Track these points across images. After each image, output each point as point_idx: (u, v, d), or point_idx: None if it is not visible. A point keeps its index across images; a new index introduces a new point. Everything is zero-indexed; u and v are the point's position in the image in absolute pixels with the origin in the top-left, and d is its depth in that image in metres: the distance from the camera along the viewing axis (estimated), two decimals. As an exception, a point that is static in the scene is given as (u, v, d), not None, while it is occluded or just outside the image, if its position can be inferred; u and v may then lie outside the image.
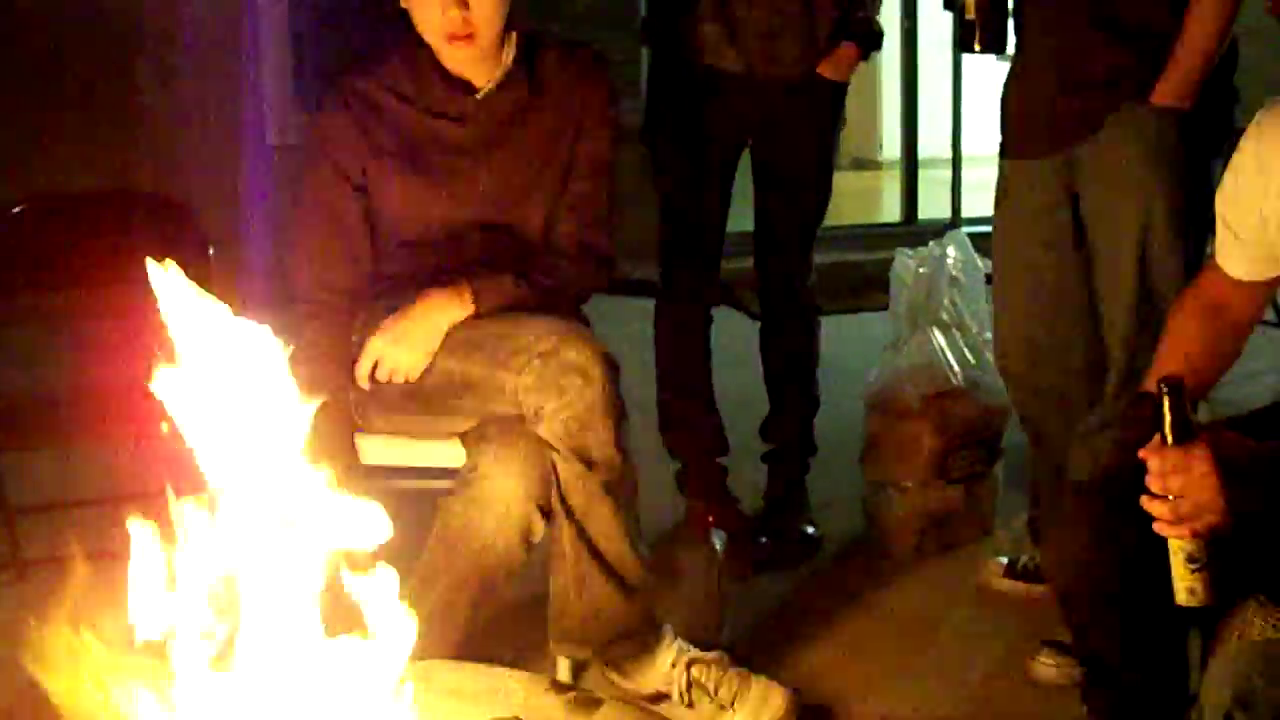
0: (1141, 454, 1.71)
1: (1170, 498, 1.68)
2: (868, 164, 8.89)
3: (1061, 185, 2.74)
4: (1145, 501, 1.70)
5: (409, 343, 2.43)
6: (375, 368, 2.46)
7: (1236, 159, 2.02)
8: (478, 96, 2.52)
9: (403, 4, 2.46)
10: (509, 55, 2.53)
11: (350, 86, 2.53)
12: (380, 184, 2.52)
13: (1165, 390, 1.70)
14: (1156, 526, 1.70)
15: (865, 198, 8.15)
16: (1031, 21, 2.70)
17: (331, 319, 2.51)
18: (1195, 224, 2.64)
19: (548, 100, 2.56)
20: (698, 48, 3.11)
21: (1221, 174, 2.65)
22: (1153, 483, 1.69)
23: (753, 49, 3.09)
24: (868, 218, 7.46)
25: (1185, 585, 1.72)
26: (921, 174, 6.90)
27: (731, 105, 3.15)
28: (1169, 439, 1.69)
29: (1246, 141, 2.00)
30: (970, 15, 2.73)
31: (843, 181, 8.11)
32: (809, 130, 3.25)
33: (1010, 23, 2.80)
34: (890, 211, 7.21)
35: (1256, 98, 2.07)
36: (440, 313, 2.44)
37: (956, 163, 6.73)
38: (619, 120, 2.64)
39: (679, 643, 2.58)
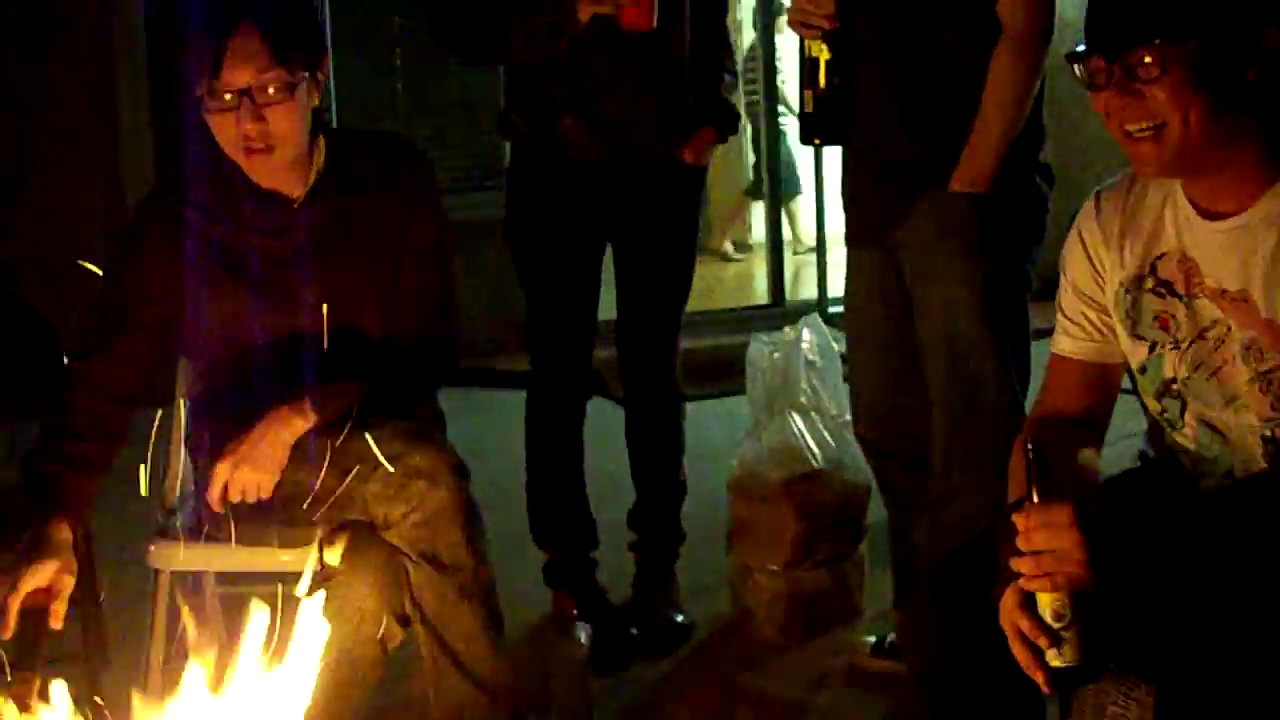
0: (1012, 517, 1.75)
1: (1035, 553, 1.71)
2: (740, 248, 9.04)
3: (890, 268, 2.81)
4: (1013, 560, 1.73)
5: (255, 462, 2.38)
6: (226, 490, 2.41)
7: (1068, 247, 2.05)
8: (294, 207, 2.47)
9: (205, 118, 2.38)
10: (319, 159, 2.48)
11: (164, 208, 2.48)
12: (204, 303, 2.48)
13: (1030, 453, 1.74)
14: (1022, 581, 1.73)
15: (738, 282, 8.27)
16: (854, 113, 2.76)
17: (86, 411, 2.40)
18: (1007, 304, 2.72)
19: (366, 199, 2.50)
20: (558, 141, 3.15)
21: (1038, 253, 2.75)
22: (1020, 541, 1.72)
23: (613, 140, 3.13)
24: (741, 301, 7.57)
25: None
26: (790, 257, 7.03)
27: (594, 196, 3.19)
28: (1034, 498, 1.73)
29: (1075, 231, 2.03)
30: (809, 109, 2.76)
31: (715, 266, 8.31)
32: (671, 217, 3.29)
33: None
34: (763, 295, 7.33)
35: (1110, 169, 2.09)
36: (284, 428, 2.39)
37: (821, 245, 6.85)
38: (443, 209, 2.60)
39: (548, 739, 2.57)
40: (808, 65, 2.73)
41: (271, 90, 2.31)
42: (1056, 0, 2.65)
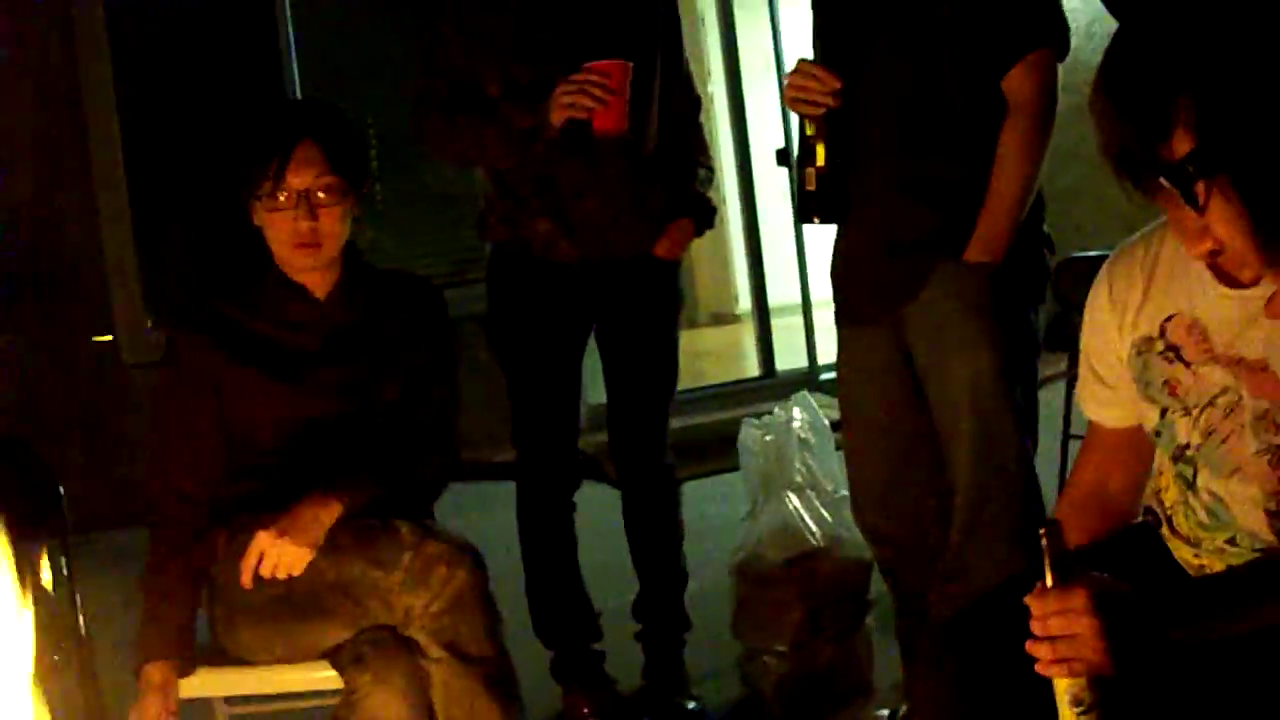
0: (1026, 600, 1.71)
1: (1052, 639, 1.68)
2: (726, 318, 9.06)
3: (894, 345, 2.82)
4: (1029, 645, 1.70)
5: (296, 537, 2.44)
6: (260, 562, 2.46)
7: (1090, 307, 2.03)
8: (321, 301, 2.66)
9: (256, 222, 2.61)
10: (339, 270, 2.68)
11: (206, 306, 2.67)
12: (239, 393, 2.61)
13: (1045, 534, 1.69)
14: (1039, 668, 1.69)
15: (726, 354, 8.26)
16: (853, 190, 2.77)
17: (178, 531, 2.57)
18: (1021, 369, 2.76)
19: (384, 314, 2.70)
20: (531, 242, 3.18)
21: (1039, 320, 2.78)
22: (1035, 626, 1.69)
23: (587, 241, 3.16)
24: (731, 374, 7.54)
25: None
26: (778, 323, 7.00)
27: (571, 295, 3.21)
28: (1049, 581, 1.69)
29: (1098, 286, 2.01)
30: (810, 187, 2.74)
31: (703, 339, 8.33)
32: (649, 310, 3.31)
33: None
34: (752, 365, 7.31)
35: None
36: (323, 510, 2.46)
37: (807, 310, 6.84)
38: (452, 334, 2.77)
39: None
40: (806, 143, 2.72)
41: (324, 194, 2.57)
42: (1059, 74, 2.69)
